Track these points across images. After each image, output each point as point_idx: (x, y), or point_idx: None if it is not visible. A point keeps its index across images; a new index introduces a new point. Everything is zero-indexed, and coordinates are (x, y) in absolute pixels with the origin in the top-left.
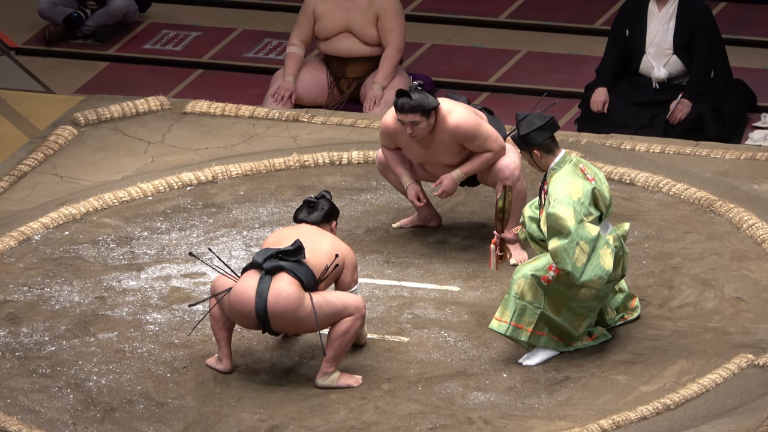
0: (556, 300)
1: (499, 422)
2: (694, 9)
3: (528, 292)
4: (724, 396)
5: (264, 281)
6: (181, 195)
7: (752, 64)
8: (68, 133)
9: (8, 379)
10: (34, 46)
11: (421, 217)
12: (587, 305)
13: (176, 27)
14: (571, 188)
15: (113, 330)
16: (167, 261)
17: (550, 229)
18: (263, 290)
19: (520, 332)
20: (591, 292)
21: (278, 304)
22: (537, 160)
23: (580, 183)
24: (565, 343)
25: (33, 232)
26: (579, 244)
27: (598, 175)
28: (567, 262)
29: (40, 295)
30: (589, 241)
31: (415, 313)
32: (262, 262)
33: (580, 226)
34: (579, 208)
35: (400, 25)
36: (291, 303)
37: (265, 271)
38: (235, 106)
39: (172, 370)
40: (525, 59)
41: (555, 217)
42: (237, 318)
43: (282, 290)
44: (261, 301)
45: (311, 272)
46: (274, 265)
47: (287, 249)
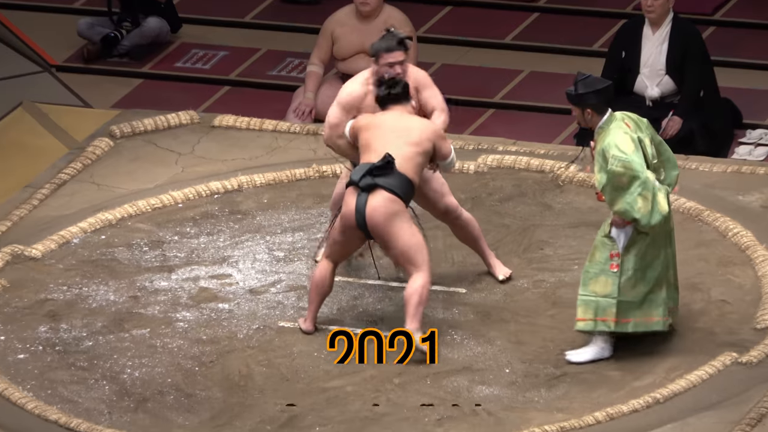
0: (630, 281)
1: (501, 414)
2: (685, 33)
3: (601, 287)
4: (710, 391)
5: (361, 197)
6: (209, 202)
7: (738, 84)
8: (105, 145)
9: (49, 372)
10: (73, 63)
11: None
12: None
13: (205, 47)
14: (623, 143)
15: (146, 327)
16: (196, 263)
17: (611, 185)
18: (361, 206)
19: (606, 325)
20: (659, 248)
21: (373, 218)
22: (588, 118)
23: (629, 137)
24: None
25: (72, 236)
26: (641, 194)
27: (639, 130)
28: (633, 213)
29: (78, 294)
30: (649, 189)
31: (424, 312)
32: (358, 181)
33: (641, 175)
34: (635, 158)
35: (412, 46)
36: (382, 217)
37: (362, 189)
38: (260, 121)
39: (200, 364)
40: (528, 78)
41: (614, 173)
42: (348, 234)
43: (376, 206)
44: (360, 217)
45: (405, 178)
46: (369, 183)
47: (379, 165)
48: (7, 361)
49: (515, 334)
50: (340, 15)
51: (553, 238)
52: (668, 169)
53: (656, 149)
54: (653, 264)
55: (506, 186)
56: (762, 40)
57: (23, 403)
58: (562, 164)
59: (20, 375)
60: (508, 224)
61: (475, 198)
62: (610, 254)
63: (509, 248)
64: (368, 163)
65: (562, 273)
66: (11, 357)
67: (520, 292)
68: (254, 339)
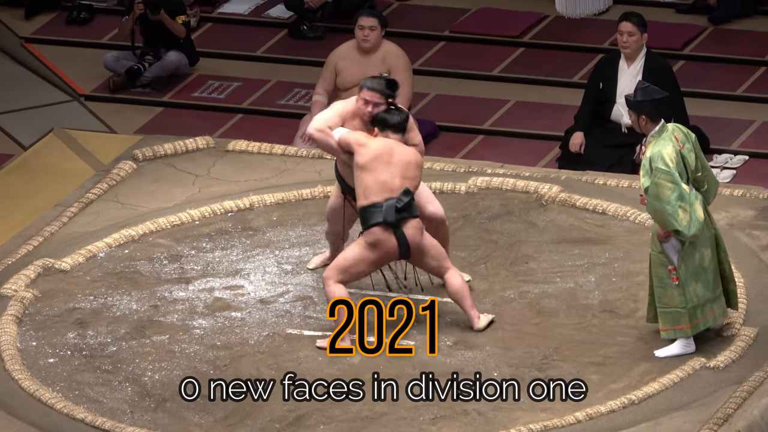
0: (691, 287)
1: (490, 414)
2: (657, 66)
3: (669, 299)
4: (681, 393)
5: (399, 232)
6: (223, 220)
7: (706, 112)
8: (128, 167)
9: (76, 375)
10: (100, 93)
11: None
12: (709, 265)
13: (220, 78)
14: (668, 156)
15: (165, 333)
16: (211, 275)
17: (653, 196)
18: (402, 239)
19: (684, 332)
20: (706, 252)
21: (414, 245)
22: (642, 123)
23: (675, 150)
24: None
25: (98, 250)
26: (681, 206)
27: (687, 143)
28: (674, 224)
29: (103, 303)
30: (687, 200)
31: (419, 320)
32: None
33: (679, 189)
34: (676, 173)
35: (408, 78)
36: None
37: (395, 227)
38: (270, 145)
39: (214, 368)
40: (514, 107)
41: (658, 186)
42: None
43: (414, 235)
44: (404, 248)
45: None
46: (400, 218)
47: (405, 203)
48: (38, 364)
49: (502, 340)
50: (343, 49)
51: (537, 252)
52: (711, 183)
53: (701, 164)
54: (707, 267)
55: (494, 205)
56: (726, 72)
57: (53, 403)
58: (545, 185)
59: (50, 377)
60: (495, 240)
61: (466, 216)
62: (668, 269)
63: (497, 262)
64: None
65: (545, 285)
66: (42, 361)
67: (507, 302)
68: (264, 345)
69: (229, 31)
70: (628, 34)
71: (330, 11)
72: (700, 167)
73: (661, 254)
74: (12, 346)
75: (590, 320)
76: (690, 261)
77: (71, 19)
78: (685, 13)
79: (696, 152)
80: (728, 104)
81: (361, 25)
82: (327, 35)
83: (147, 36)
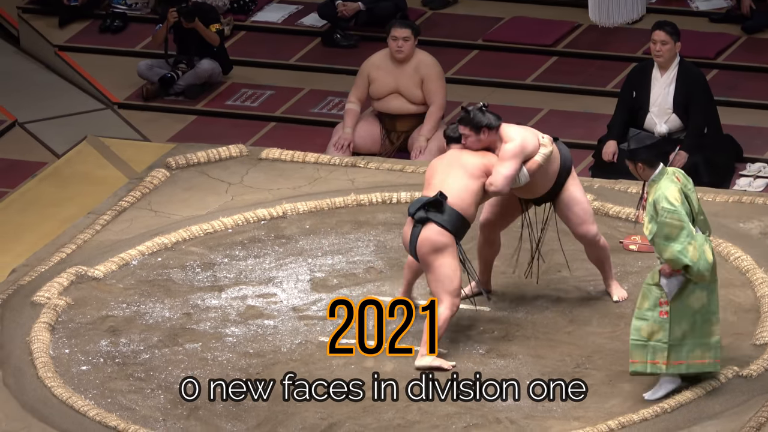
0: (680, 326)
1: (522, 422)
2: (690, 75)
3: (652, 333)
4: (713, 401)
5: (416, 229)
6: (256, 228)
7: (739, 122)
8: (162, 175)
9: (109, 382)
10: (133, 101)
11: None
12: (701, 310)
13: (253, 86)
14: (672, 196)
15: (198, 341)
16: (244, 283)
17: (663, 236)
18: (414, 237)
19: (659, 367)
20: (704, 295)
21: (420, 249)
22: (640, 171)
23: (678, 189)
24: (711, 362)
25: (131, 258)
26: (691, 243)
27: (687, 185)
28: (685, 261)
29: (136, 311)
30: (695, 238)
31: (452, 329)
32: (413, 214)
33: (687, 226)
34: (683, 211)
35: (441, 87)
36: (427, 249)
37: (416, 221)
38: (302, 154)
39: (247, 376)
40: (548, 116)
41: (666, 224)
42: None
43: (424, 239)
44: (412, 247)
45: (455, 212)
46: (422, 217)
47: (431, 201)
48: (71, 372)
49: (535, 348)
50: (376, 58)
51: (570, 261)
52: (704, 229)
53: (699, 207)
54: (702, 310)
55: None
56: (759, 81)
57: (85, 410)
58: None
59: (83, 385)
60: (529, 248)
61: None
62: (658, 301)
63: (530, 270)
64: (424, 196)
65: (578, 293)
66: (75, 368)
67: (539, 311)
68: (296, 353)
69: (263, 39)
70: (661, 43)
71: (363, 20)
72: (701, 211)
73: (655, 286)
74: (45, 354)
75: (623, 329)
76: (684, 298)
77: (105, 28)
78: (719, 22)
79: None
80: (762, 113)
81: (395, 36)
82: (360, 44)
83: (180, 44)
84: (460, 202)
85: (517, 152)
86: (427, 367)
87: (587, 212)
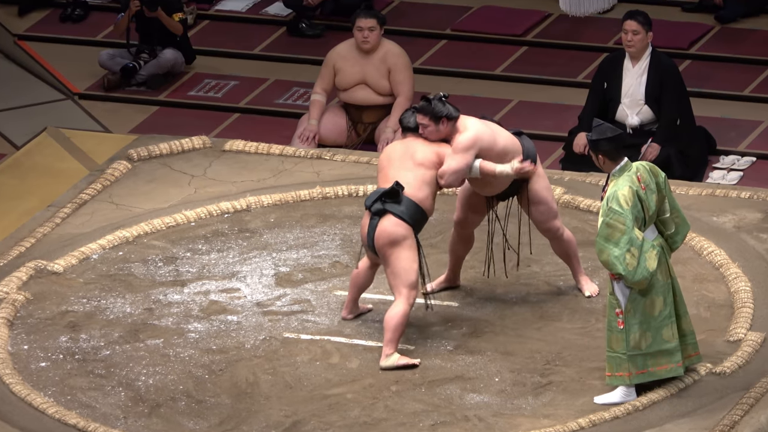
0: (636, 335)
1: (491, 420)
2: (663, 65)
3: (615, 343)
4: (686, 399)
5: (373, 221)
6: (220, 221)
7: (713, 113)
8: (123, 167)
9: (68, 379)
10: (94, 92)
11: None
12: (660, 315)
13: (217, 77)
14: (623, 197)
15: (159, 337)
16: (207, 278)
17: (603, 236)
18: (372, 229)
19: (623, 379)
20: (659, 301)
21: (378, 241)
22: (601, 163)
23: (632, 191)
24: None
25: (92, 252)
26: (630, 251)
27: (650, 185)
28: (618, 269)
29: (97, 306)
30: (638, 246)
31: (419, 325)
32: (370, 206)
33: (631, 232)
34: (630, 215)
35: (409, 77)
36: (386, 240)
37: (373, 213)
38: (267, 145)
39: (209, 372)
40: (517, 107)
41: (609, 225)
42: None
43: (382, 230)
44: (370, 239)
45: (412, 203)
46: (379, 209)
47: (387, 192)
48: (30, 368)
49: (504, 345)
50: (342, 48)
51: (540, 255)
52: (681, 226)
53: (671, 205)
54: (658, 316)
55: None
56: (735, 72)
57: (44, 408)
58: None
59: (42, 382)
60: (497, 242)
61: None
62: (615, 312)
63: (499, 265)
64: (380, 188)
65: (548, 288)
66: (34, 365)
67: (509, 306)
68: (260, 349)
69: (227, 28)
70: (632, 32)
71: (329, 9)
72: (668, 209)
73: (612, 296)
74: (3, 350)
75: (594, 324)
76: (638, 307)
77: (65, 17)
78: (692, 12)
79: (665, 192)
80: (735, 105)
81: (360, 26)
82: (326, 33)
83: (143, 33)
84: (418, 192)
85: (469, 145)
86: (393, 367)
87: (551, 210)
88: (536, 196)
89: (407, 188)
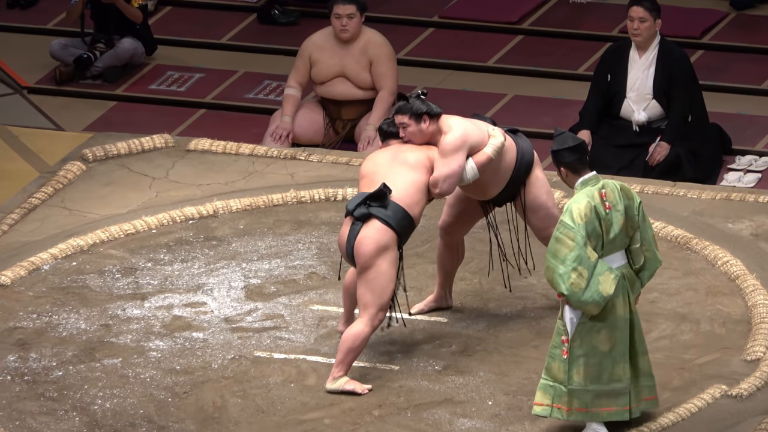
0: (580, 369)
1: None
2: (673, 56)
3: (556, 372)
4: (699, 424)
5: (355, 227)
6: (184, 228)
7: (727, 109)
8: (77, 169)
9: (17, 402)
10: (45, 85)
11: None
12: (611, 352)
13: (181, 69)
14: (578, 212)
15: (117, 356)
16: (170, 291)
17: (551, 251)
18: (352, 236)
19: (561, 412)
20: (613, 336)
21: (360, 248)
22: (563, 176)
23: (590, 207)
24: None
25: (42, 262)
26: (577, 269)
27: (617, 206)
28: (561, 287)
29: (48, 322)
30: (588, 266)
31: (404, 342)
32: (353, 210)
33: (580, 250)
34: (582, 232)
35: (392, 69)
36: (367, 248)
37: (356, 218)
38: (236, 145)
39: (173, 395)
40: (512, 102)
41: (557, 240)
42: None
43: (364, 236)
44: (349, 246)
45: (400, 208)
46: (363, 213)
47: (373, 194)
48: None
49: (498, 365)
50: (318, 37)
51: (537, 265)
52: (649, 262)
53: (642, 236)
54: (610, 352)
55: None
56: (752, 63)
57: None
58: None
59: None
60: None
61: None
62: (561, 339)
63: (493, 276)
64: (364, 192)
65: (545, 302)
66: None
67: (503, 322)
68: (229, 369)
69: (191, 15)
70: (639, 20)
71: None
72: (639, 239)
73: (560, 320)
74: None
75: None
76: (587, 338)
77: (13, 2)
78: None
79: (637, 221)
80: (753, 99)
81: (338, 13)
82: (301, 21)
83: (98, 21)
84: (406, 197)
85: (458, 145)
86: (339, 391)
87: (552, 217)
88: (535, 202)
89: (395, 192)
